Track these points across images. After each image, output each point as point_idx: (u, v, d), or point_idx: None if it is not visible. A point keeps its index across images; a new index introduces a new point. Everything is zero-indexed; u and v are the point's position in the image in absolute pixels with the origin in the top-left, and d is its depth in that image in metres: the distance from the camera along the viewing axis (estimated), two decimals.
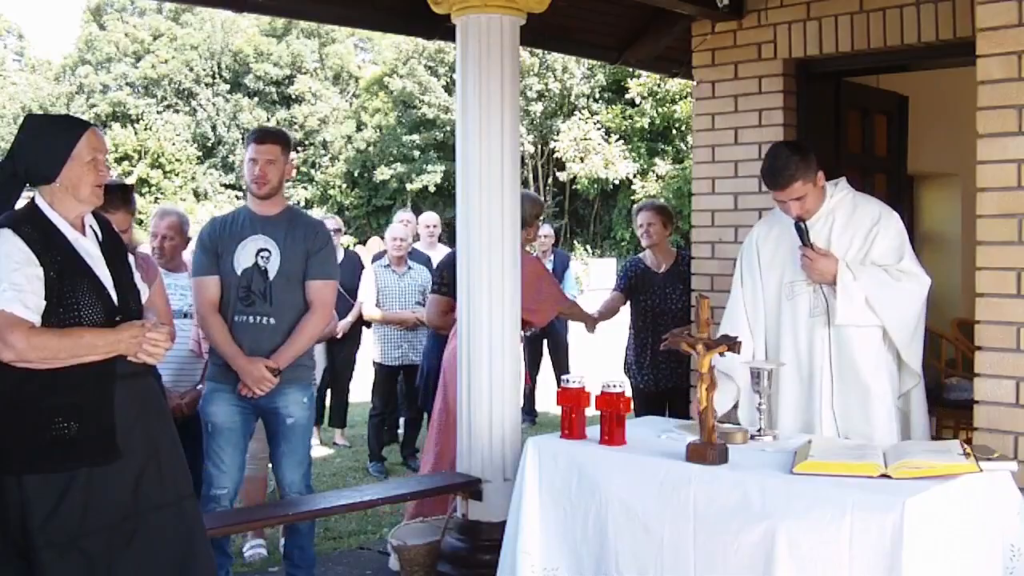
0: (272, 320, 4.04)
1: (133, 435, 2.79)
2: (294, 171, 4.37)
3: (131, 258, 3.05)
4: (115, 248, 2.97)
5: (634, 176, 31.12)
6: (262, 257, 4.03)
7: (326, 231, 4.30)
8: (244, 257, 4.03)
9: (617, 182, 31.90)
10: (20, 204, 2.91)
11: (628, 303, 5.84)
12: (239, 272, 4.02)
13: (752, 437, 3.31)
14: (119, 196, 3.93)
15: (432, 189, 36.06)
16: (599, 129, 32.37)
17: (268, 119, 41.52)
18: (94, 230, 2.92)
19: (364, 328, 7.37)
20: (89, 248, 2.85)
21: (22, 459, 2.66)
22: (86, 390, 2.73)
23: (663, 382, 5.53)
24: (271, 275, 4.04)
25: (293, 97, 41.86)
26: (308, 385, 4.27)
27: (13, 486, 2.65)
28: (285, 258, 4.05)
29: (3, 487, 2.66)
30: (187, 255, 4.89)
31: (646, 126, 31.12)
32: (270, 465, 4.32)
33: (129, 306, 2.87)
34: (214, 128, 41.43)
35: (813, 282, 3.61)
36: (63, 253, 2.76)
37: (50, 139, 2.81)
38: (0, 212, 2.82)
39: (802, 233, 3.56)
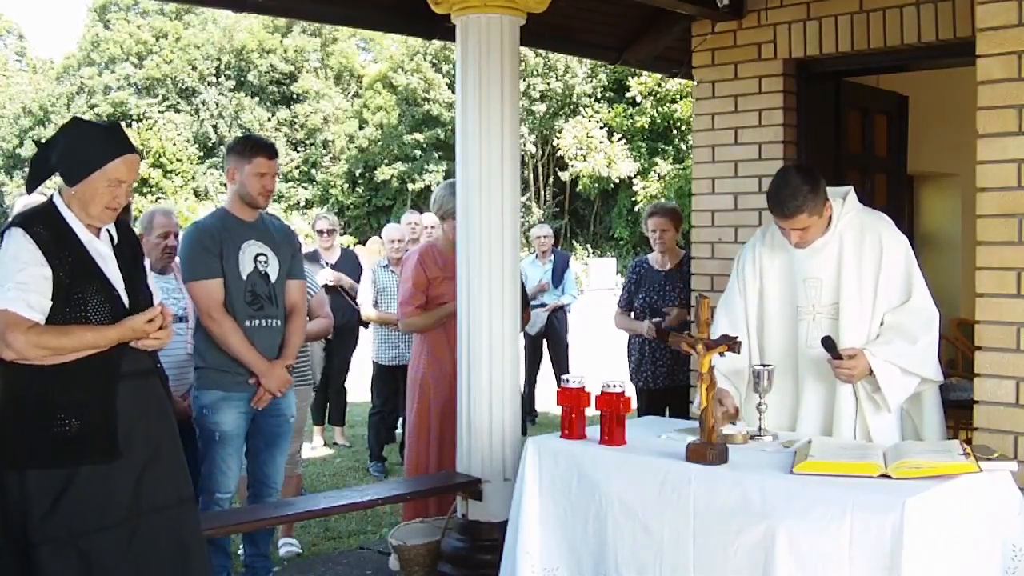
0: (279, 322, 4.14)
1: (135, 435, 2.80)
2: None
3: (147, 263, 3.07)
4: (131, 251, 2.99)
5: (635, 176, 31.11)
6: (260, 261, 4.09)
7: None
8: (246, 261, 4.06)
9: (618, 181, 31.91)
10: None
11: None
12: (244, 276, 4.04)
13: (752, 437, 3.31)
14: None
15: (434, 189, 36.03)
16: (601, 128, 32.36)
17: (270, 118, 41.52)
18: (110, 232, 2.93)
19: (362, 328, 7.38)
20: (102, 250, 2.86)
21: (24, 454, 2.68)
22: (90, 388, 2.75)
23: (661, 380, 5.53)
24: (272, 278, 4.11)
25: (295, 96, 41.86)
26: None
27: (15, 481, 2.68)
28: (281, 261, 4.15)
29: (4, 482, 2.69)
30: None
31: (646, 125, 31.13)
32: (245, 462, 4.30)
33: (140, 309, 2.88)
34: (215, 127, 41.44)
35: (850, 382, 3.39)
36: (74, 254, 2.78)
37: (87, 148, 2.82)
38: (28, 189, 2.89)
39: (830, 348, 3.32)
